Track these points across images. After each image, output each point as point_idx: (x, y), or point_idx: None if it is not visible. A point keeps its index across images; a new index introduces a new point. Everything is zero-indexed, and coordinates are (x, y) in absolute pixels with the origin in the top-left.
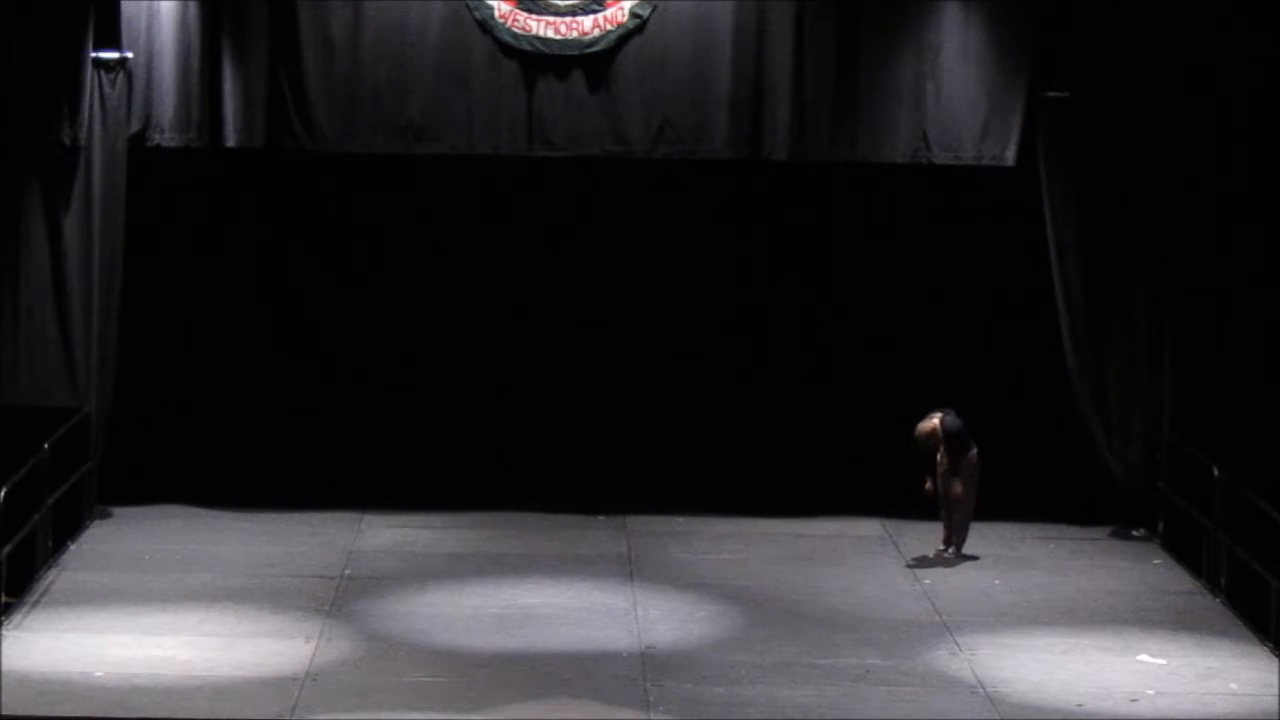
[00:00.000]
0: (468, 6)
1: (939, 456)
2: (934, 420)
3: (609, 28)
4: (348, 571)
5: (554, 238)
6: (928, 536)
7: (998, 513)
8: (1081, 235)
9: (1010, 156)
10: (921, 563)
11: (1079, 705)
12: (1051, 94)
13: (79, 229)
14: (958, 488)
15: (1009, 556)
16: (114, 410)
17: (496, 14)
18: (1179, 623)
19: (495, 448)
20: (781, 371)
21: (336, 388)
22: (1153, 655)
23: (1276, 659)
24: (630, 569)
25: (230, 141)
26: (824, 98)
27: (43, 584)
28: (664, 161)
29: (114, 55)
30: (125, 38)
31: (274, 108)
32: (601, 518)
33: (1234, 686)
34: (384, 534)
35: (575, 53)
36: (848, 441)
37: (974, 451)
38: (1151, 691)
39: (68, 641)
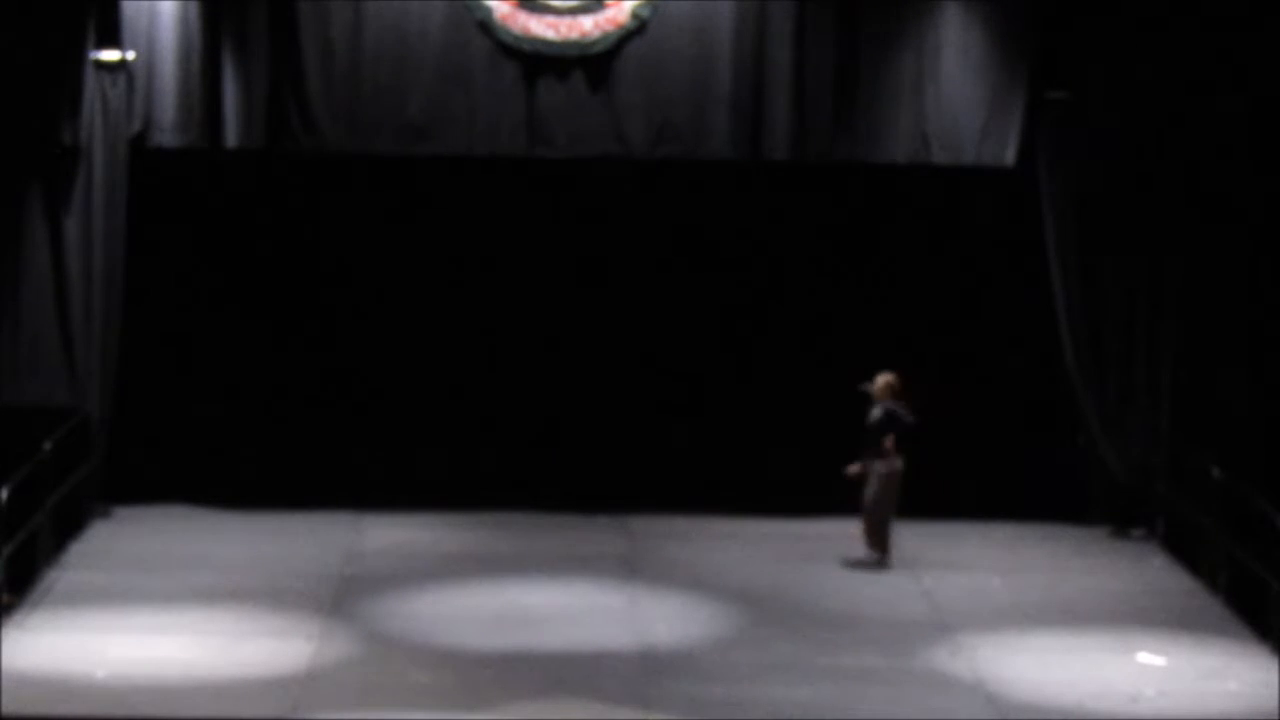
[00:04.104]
0: (468, 7)
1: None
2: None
3: (609, 29)
4: (348, 571)
5: (554, 238)
6: (927, 537)
7: (998, 513)
8: (1081, 235)
9: (1010, 157)
10: (856, 565)
11: (1079, 705)
12: (1051, 94)
13: (80, 229)
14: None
15: (1009, 556)
16: (114, 410)
17: (496, 15)
18: (1179, 623)
19: (495, 448)
20: (782, 371)
21: (336, 388)
22: (1152, 655)
23: (1276, 659)
24: (630, 569)
25: (230, 141)
26: (824, 98)
27: (44, 584)
28: (664, 161)
29: (115, 56)
30: (126, 38)
31: (274, 108)
32: (601, 518)
33: (1234, 686)
34: (384, 534)
35: (575, 54)
36: (848, 441)
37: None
38: (1151, 691)
39: (68, 641)
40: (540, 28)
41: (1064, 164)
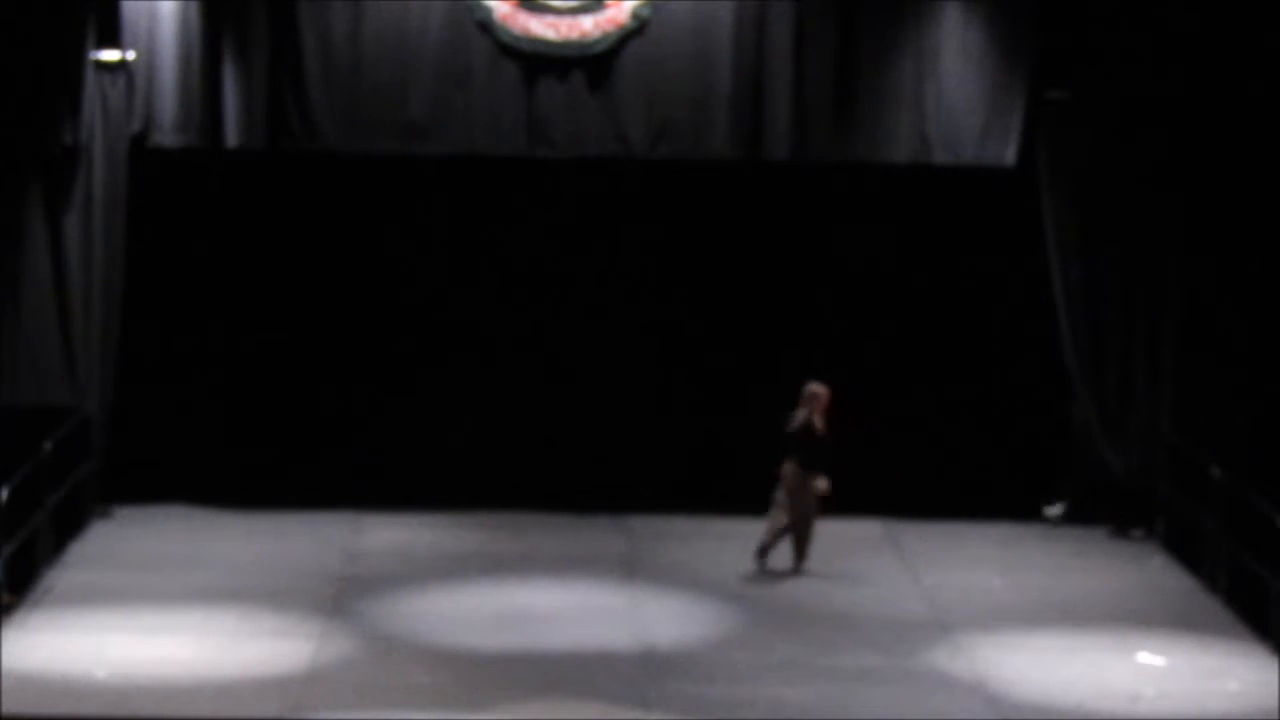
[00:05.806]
0: (468, 7)
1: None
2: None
3: (609, 29)
4: (348, 571)
5: (554, 238)
6: (927, 537)
7: (998, 513)
8: (1081, 236)
9: (1010, 157)
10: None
11: (1079, 705)
12: (1052, 94)
13: (79, 229)
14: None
15: (1009, 556)
16: (114, 410)
17: (496, 15)
18: (1179, 623)
19: (495, 448)
20: (781, 371)
21: (337, 387)
22: (1152, 655)
23: (1276, 659)
24: (630, 569)
25: (230, 141)
26: (824, 98)
27: (44, 583)
28: (664, 161)
29: (115, 56)
30: (126, 38)
31: (274, 108)
32: (602, 518)
33: (1234, 686)
34: (384, 534)
35: (575, 54)
36: (848, 440)
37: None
38: (1151, 691)
39: (68, 641)
40: (540, 28)
41: (1064, 164)
